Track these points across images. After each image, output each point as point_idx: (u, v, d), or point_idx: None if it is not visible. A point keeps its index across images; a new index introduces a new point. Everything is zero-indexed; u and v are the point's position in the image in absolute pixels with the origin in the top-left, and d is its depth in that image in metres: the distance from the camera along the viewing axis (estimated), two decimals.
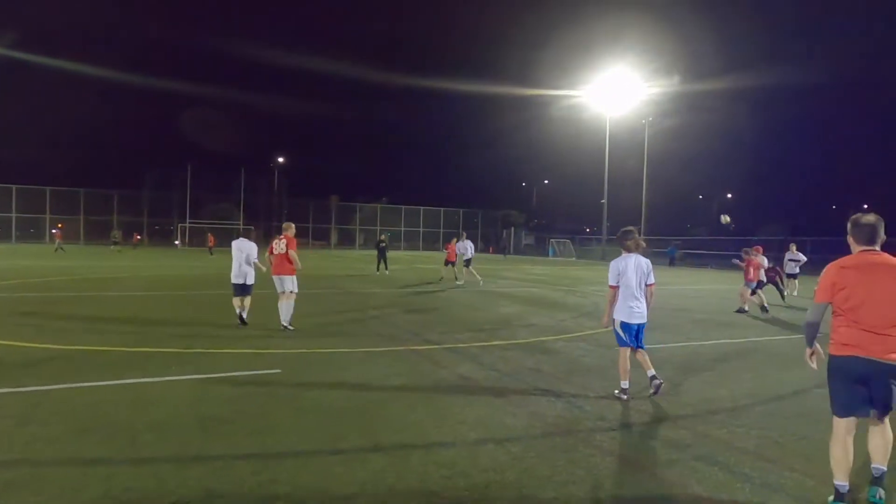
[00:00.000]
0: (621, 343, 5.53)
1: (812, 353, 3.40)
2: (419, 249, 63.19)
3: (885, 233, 3.34)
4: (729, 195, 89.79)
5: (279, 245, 8.71)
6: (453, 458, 3.83)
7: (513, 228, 66.57)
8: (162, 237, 56.24)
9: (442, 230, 67.05)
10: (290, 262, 8.62)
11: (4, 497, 3.08)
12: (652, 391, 5.42)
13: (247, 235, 9.33)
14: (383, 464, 3.70)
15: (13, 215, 49.49)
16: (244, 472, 3.50)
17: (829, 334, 3.28)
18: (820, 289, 3.25)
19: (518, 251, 61.26)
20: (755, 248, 12.88)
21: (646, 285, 5.49)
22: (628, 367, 5.45)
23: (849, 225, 3.36)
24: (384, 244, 23.29)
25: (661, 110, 47.63)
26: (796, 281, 17.76)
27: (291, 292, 8.72)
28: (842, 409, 3.20)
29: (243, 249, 8.88)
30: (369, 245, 63.01)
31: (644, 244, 5.77)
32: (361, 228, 63.74)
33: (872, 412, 3.18)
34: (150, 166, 57.42)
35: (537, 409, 4.98)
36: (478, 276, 18.83)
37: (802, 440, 4.38)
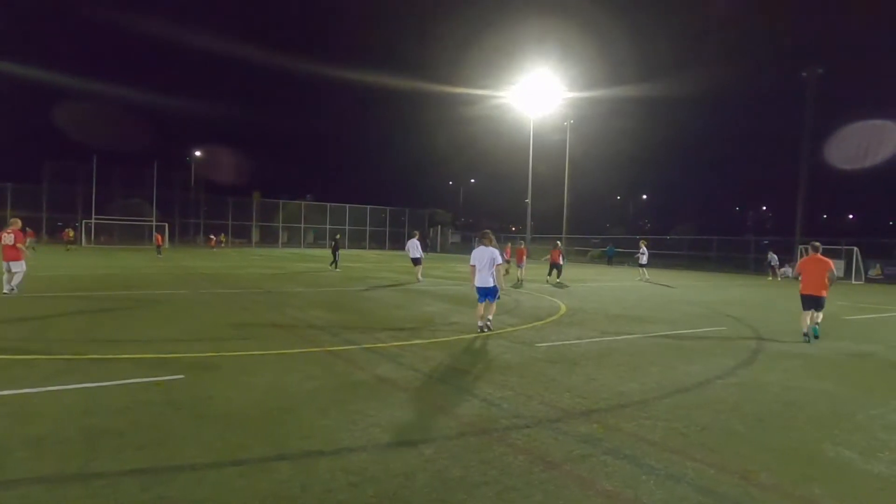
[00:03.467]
0: (479, 300, 8.99)
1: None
2: (345, 248, 62.19)
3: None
4: (644, 196, 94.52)
5: (7, 238, 11.82)
6: (363, 463, 3.69)
7: (440, 227, 66.88)
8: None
9: (368, 228, 66.37)
10: (18, 250, 11.86)
11: None
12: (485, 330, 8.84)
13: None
14: (288, 473, 3.50)
15: None
16: (131, 489, 3.19)
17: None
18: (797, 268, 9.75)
19: (445, 249, 61.61)
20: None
21: (494, 266, 8.71)
22: (481, 312, 9.03)
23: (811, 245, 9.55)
24: (335, 242, 25.65)
25: (583, 114, 49.35)
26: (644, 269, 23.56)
27: (17, 272, 11.86)
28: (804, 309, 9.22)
29: None
30: (293, 243, 61.38)
31: (493, 239, 9.01)
32: (285, 226, 61.89)
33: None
34: (50, 158, 52.97)
35: (454, 410, 4.92)
36: (419, 276, 19.19)
37: (704, 430, 4.55)
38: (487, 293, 8.79)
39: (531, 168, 45.41)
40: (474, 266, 8.85)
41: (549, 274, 20.87)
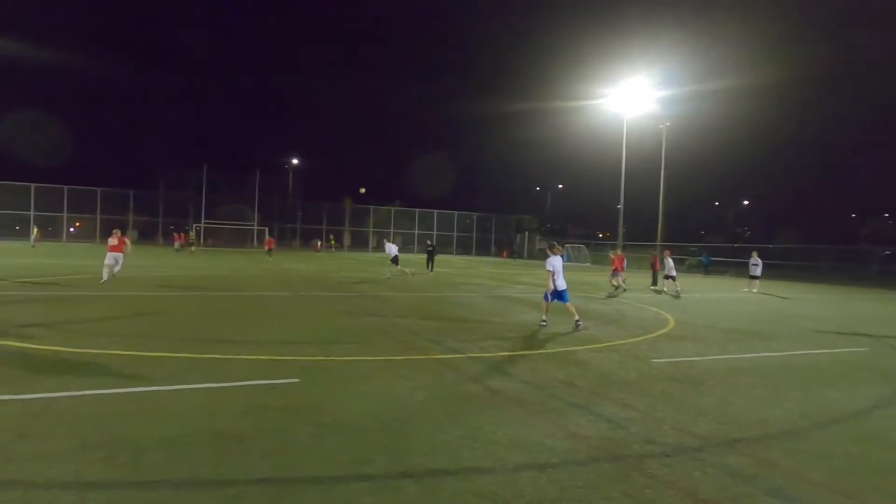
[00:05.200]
0: (547, 300, 10.29)
1: None
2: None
3: None
4: (746, 202, 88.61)
5: (113, 240, 16.04)
6: (491, 485, 3.43)
7: (526, 233, 66.04)
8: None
9: (455, 233, 66.74)
10: (121, 247, 15.98)
11: None
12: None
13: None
14: (414, 492, 3.30)
15: (31, 213, 49.89)
16: (261, 500, 3.11)
17: None
18: None
19: (532, 256, 60.68)
20: None
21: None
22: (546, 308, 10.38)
23: None
24: (432, 247, 27.31)
25: (680, 115, 46.87)
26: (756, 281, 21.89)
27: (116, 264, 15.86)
28: None
29: None
30: (383, 247, 62.86)
31: (560, 249, 10.53)
32: (375, 231, 63.51)
33: None
34: (167, 166, 57.61)
35: (578, 430, 4.55)
36: (406, 270, 22.45)
37: (877, 472, 3.91)
38: (563, 295, 10.06)
39: (624, 172, 43.74)
40: (553, 271, 10.01)
41: (654, 283, 20.03)
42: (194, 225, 51.94)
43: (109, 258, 15.68)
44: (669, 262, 20.11)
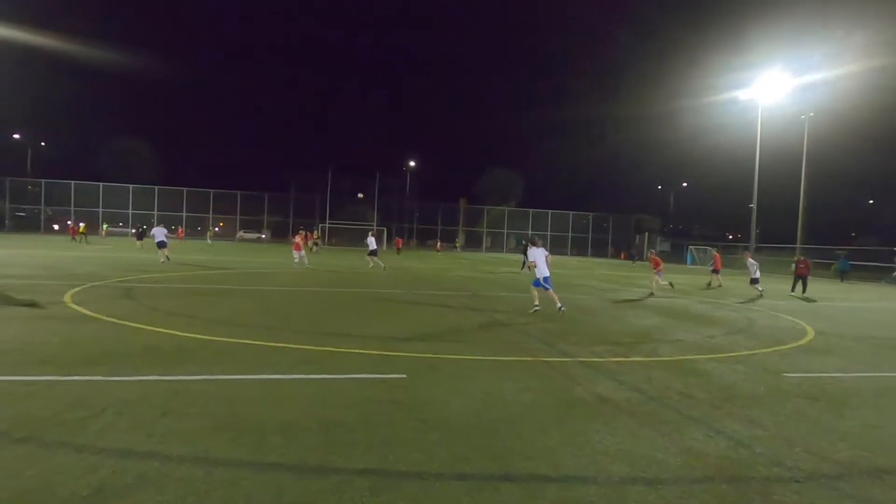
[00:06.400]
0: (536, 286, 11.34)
1: None
2: None
3: None
4: None
5: (298, 238, 22.13)
6: (594, 497, 3.29)
7: (646, 234, 62.96)
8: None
9: (570, 234, 65.28)
10: (299, 246, 21.93)
11: (134, 492, 3.07)
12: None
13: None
14: (514, 496, 3.25)
15: (183, 214, 56.20)
16: (362, 490, 3.23)
17: None
18: None
19: None
20: None
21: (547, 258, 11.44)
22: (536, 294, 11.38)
23: None
24: (526, 247, 26.61)
25: (825, 103, 42.13)
26: None
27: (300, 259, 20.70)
28: None
29: None
30: (496, 247, 62.99)
31: (541, 243, 12.16)
32: (489, 231, 63.86)
33: None
34: (296, 170, 62.18)
35: (694, 445, 4.24)
36: (381, 263, 23.69)
37: None
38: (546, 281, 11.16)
39: (757, 169, 40.20)
40: (534, 262, 11.37)
41: (793, 289, 18.29)
42: (320, 224, 55.52)
43: (295, 255, 22.54)
44: (751, 262, 19.27)
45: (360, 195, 59.40)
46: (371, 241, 24.52)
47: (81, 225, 40.42)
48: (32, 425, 3.97)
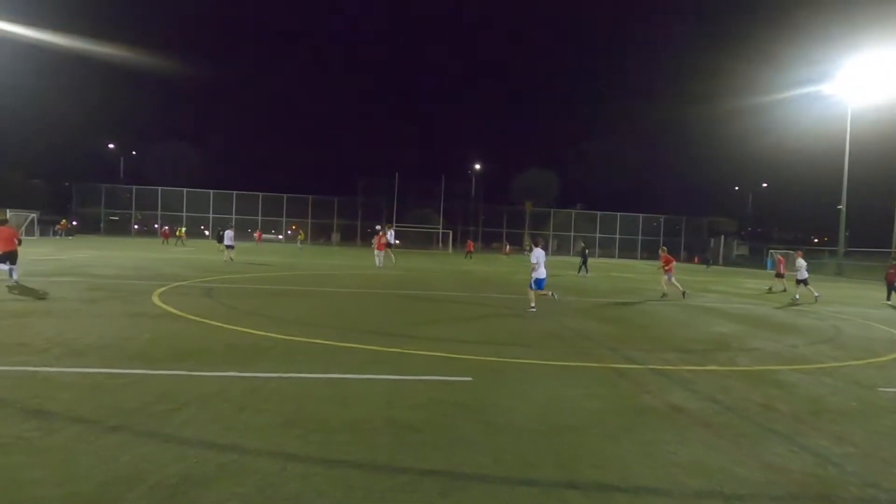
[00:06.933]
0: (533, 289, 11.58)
1: None
2: (614, 257, 60.37)
3: None
4: None
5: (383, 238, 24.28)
6: None
7: (722, 237, 60.12)
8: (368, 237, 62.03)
9: (640, 237, 63.40)
10: (382, 245, 24.71)
11: (214, 483, 3.23)
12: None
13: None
14: None
15: (259, 218, 58.93)
16: (430, 491, 3.26)
17: None
18: None
19: (728, 262, 55.10)
20: None
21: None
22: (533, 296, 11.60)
23: None
24: (587, 250, 26.91)
25: None
26: None
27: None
28: None
29: None
30: (563, 251, 62.05)
31: (543, 243, 12.17)
32: (555, 234, 62.99)
33: None
34: (364, 175, 63.76)
35: (776, 460, 4.01)
36: (393, 259, 26.27)
37: None
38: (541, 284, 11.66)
39: (847, 168, 37.56)
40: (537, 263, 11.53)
41: (888, 297, 17.01)
42: (387, 226, 56.69)
43: (377, 256, 24.88)
44: (801, 263, 17.77)
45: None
46: (390, 236, 26.97)
47: (181, 229, 43.02)
48: (124, 415, 4.26)
